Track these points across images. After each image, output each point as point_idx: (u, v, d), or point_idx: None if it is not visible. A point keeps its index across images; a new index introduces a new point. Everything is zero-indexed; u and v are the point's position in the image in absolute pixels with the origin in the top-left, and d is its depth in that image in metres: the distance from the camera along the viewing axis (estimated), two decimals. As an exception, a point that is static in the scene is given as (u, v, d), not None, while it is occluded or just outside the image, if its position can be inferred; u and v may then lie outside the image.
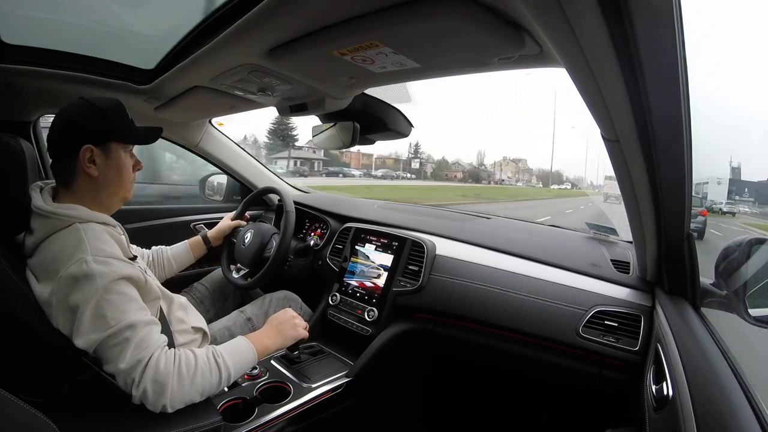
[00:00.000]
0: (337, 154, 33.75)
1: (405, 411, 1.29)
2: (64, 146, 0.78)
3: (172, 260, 1.22)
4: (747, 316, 0.67)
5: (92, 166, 0.79)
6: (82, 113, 0.78)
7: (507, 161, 50.99)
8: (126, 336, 0.68)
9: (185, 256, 1.26)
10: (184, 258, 1.25)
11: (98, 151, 0.79)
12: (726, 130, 27.15)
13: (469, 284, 1.09)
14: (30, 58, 1.00)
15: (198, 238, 1.30)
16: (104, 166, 0.80)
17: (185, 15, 0.83)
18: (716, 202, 12.31)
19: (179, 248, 1.26)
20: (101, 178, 0.80)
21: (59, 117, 0.79)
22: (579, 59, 0.47)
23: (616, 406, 0.94)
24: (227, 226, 1.38)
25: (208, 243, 1.31)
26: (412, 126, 1.15)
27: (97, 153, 0.79)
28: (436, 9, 0.53)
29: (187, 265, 1.27)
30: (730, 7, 31.86)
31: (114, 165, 0.82)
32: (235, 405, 0.89)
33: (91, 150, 0.78)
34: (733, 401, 0.47)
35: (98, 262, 0.70)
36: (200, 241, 1.30)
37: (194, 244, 1.28)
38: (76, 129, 0.78)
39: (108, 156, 0.81)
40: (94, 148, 0.78)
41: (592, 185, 45.31)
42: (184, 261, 1.25)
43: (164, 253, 1.23)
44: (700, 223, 4.58)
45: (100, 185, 0.81)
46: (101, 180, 0.80)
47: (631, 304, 0.91)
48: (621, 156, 0.62)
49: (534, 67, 0.70)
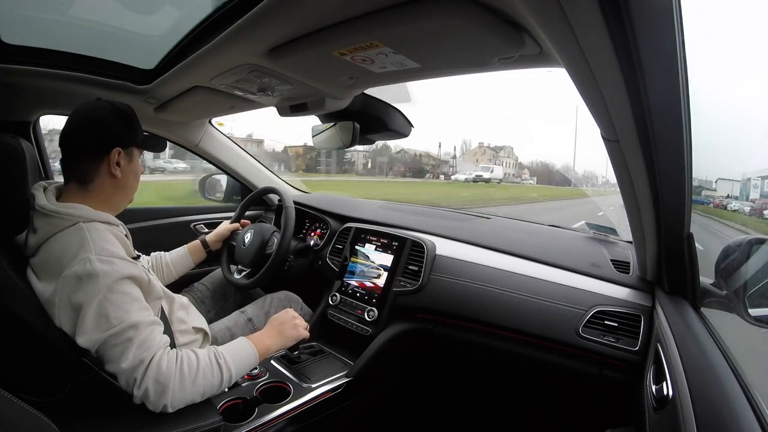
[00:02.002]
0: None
1: (405, 411, 1.29)
2: (91, 146, 0.80)
3: (171, 266, 1.22)
4: (747, 316, 0.67)
5: (117, 168, 0.81)
6: (108, 115, 0.80)
7: (483, 149, 39.99)
8: (128, 336, 0.68)
9: (184, 261, 1.26)
10: (183, 263, 1.25)
11: (124, 154, 0.82)
12: (726, 129, 27.10)
13: (469, 284, 1.09)
14: (30, 58, 1.00)
15: (197, 243, 1.29)
16: (126, 170, 0.84)
17: (185, 15, 0.83)
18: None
19: (178, 253, 1.26)
20: (122, 180, 0.83)
21: (84, 116, 0.80)
22: (579, 59, 0.47)
23: (616, 406, 0.94)
24: (226, 229, 1.38)
25: (207, 247, 1.31)
26: (412, 126, 1.15)
27: (122, 156, 0.82)
28: (436, 9, 0.53)
29: (186, 271, 1.26)
30: (730, 7, 32.28)
31: (134, 169, 0.87)
32: (235, 405, 0.89)
33: (120, 152, 0.81)
34: (733, 401, 0.47)
35: (102, 261, 0.70)
36: (199, 246, 1.29)
37: (193, 248, 1.28)
38: (106, 130, 0.80)
39: (131, 160, 0.85)
40: (122, 150, 0.82)
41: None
42: (183, 266, 1.25)
43: (163, 258, 1.23)
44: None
45: (119, 186, 0.84)
46: (122, 182, 0.84)
47: (631, 304, 0.91)
48: (621, 156, 0.62)
49: (534, 67, 0.70)
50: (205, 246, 1.30)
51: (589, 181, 39.95)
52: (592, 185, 36.82)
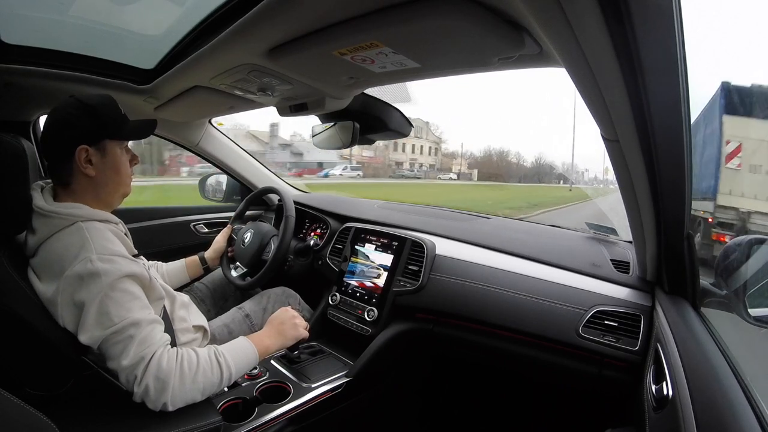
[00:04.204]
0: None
1: (405, 411, 1.29)
2: (58, 148, 0.78)
3: (167, 277, 1.22)
4: (747, 316, 0.67)
5: (89, 165, 0.78)
6: (73, 113, 0.77)
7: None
8: (129, 333, 0.68)
9: (180, 275, 1.25)
10: (179, 276, 1.25)
11: (93, 150, 0.79)
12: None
13: (469, 284, 1.09)
14: (30, 58, 1.00)
15: (195, 258, 1.29)
16: (101, 165, 0.80)
17: (185, 15, 0.83)
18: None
19: (175, 266, 1.25)
20: (99, 177, 0.80)
21: (51, 118, 0.78)
22: (579, 59, 0.47)
23: (616, 406, 0.94)
24: (222, 241, 1.36)
25: (204, 263, 1.30)
26: (411, 126, 1.15)
27: (92, 152, 0.78)
28: (436, 9, 0.53)
29: (180, 284, 1.25)
30: (730, 7, 31.94)
31: (111, 163, 0.82)
32: (235, 405, 0.89)
33: (87, 150, 0.78)
34: (733, 401, 0.47)
35: (103, 260, 0.70)
36: (197, 261, 1.29)
37: (191, 263, 1.28)
38: (68, 129, 0.77)
39: (104, 154, 0.80)
40: (89, 147, 0.78)
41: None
42: (178, 279, 1.25)
43: (159, 269, 1.22)
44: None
45: (98, 184, 0.81)
46: (99, 179, 0.80)
47: (631, 304, 0.91)
48: (621, 156, 0.62)
49: (534, 67, 0.70)
50: (203, 263, 1.30)
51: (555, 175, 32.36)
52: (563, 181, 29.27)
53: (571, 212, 10.29)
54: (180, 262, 1.27)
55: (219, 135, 1.65)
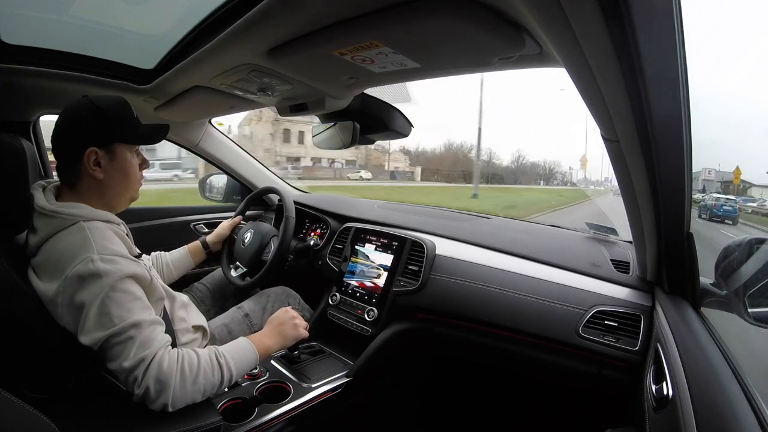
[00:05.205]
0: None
1: (405, 411, 1.29)
2: (67, 148, 0.77)
3: (172, 266, 1.22)
4: (747, 316, 0.67)
5: (97, 168, 0.78)
6: (84, 114, 0.77)
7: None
8: (130, 334, 0.68)
9: (185, 262, 1.25)
10: (183, 263, 1.25)
11: (103, 153, 0.78)
12: (727, 127, 26.50)
13: (469, 284, 1.09)
14: (30, 58, 1.00)
15: (197, 243, 1.30)
16: (110, 168, 0.79)
17: (185, 15, 0.83)
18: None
19: (178, 254, 1.26)
20: (107, 180, 0.79)
21: (62, 118, 0.78)
22: (579, 59, 0.47)
23: (616, 406, 0.94)
24: (227, 228, 1.38)
25: (207, 248, 1.31)
26: (411, 126, 1.15)
27: (101, 155, 0.78)
28: (436, 9, 0.53)
29: (186, 271, 1.26)
30: (730, 7, 31.80)
31: (120, 167, 0.81)
32: (235, 405, 0.89)
33: (96, 152, 0.77)
34: (733, 401, 0.47)
35: (104, 260, 0.70)
36: (199, 246, 1.29)
37: (193, 249, 1.28)
38: (78, 131, 0.77)
39: (113, 158, 0.80)
40: (99, 150, 0.77)
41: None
42: (183, 266, 1.25)
43: (163, 258, 1.22)
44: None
45: (105, 187, 0.80)
46: (107, 182, 0.80)
47: (631, 304, 0.91)
48: (621, 156, 0.62)
49: (534, 67, 0.70)
50: (206, 247, 1.31)
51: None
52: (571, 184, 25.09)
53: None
54: (183, 249, 1.27)
55: (219, 135, 1.66)
